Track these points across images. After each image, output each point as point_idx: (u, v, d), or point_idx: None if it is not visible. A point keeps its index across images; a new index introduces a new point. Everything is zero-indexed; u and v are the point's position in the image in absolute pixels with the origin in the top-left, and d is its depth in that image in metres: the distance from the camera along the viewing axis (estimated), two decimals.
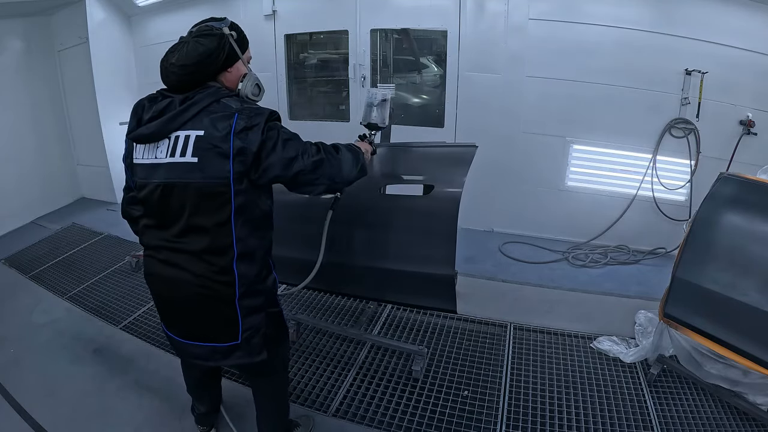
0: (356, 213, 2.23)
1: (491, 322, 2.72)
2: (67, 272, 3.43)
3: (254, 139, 1.29)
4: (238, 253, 1.36)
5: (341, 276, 2.40)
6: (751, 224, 1.90)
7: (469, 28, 3.51)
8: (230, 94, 1.38)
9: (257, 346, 1.50)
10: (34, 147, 4.50)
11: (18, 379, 2.34)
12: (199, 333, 1.47)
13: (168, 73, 1.34)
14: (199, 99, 1.31)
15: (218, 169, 1.29)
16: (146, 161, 1.36)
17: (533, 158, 3.65)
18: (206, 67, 1.35)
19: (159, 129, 1.31)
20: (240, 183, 1.31)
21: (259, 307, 1.48)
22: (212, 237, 1.34)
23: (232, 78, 1.42)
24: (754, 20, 3.00)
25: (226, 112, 1.30)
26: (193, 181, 1.30)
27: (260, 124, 1.30)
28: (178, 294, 1.43)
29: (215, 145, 1.28)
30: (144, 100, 1.38)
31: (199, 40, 1.35)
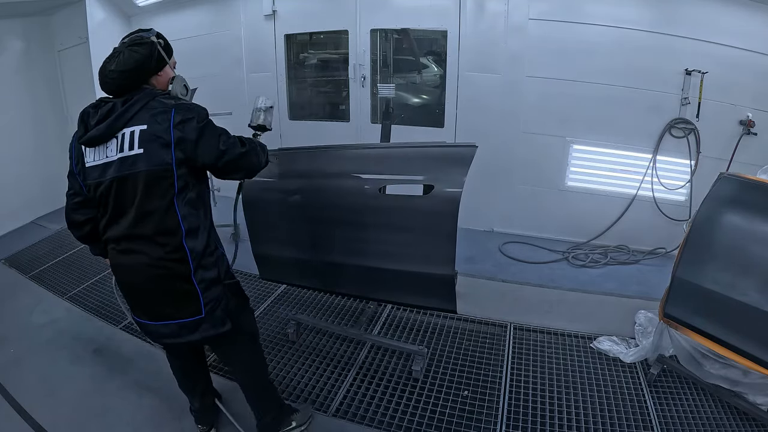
0: (356, 213, 2.23)
1: (491, 322, 2.72)
2: (67, 272, 3.43)
3: (190, 130, 1.48)
4: (185, 230, 1.52)
5: (341, 276, 2.40)
6: (751, 224, 1.90)
7: (469, 28, 3.51)
8: (163, 93, 1.57)
9: (220, 318, 1.64)
10: (34, 147, 4.50)
11: (18, 379, 2.34)
12: (164, 312, 1.59)
13: (107, 79, 1.50)
14: (138, 99, 1.48)
15: (162, 157, 1.45)
16: (98, 162, 1.50)
17: (533, 158, 3.65)
18: (141, 72, 1.53)
19: (107, 130, 1.46)
20: (180, 168, 1.48)
21: (214, 279, 1.61)
22: (161, 219, 1.49)
23: (162, 81, 1.60)
24: (754, 20, 3.00)
25: (163, 108, 1.48)
26: (141, 170, 1.45)
27: (195, 117, 1.49)
28: (140, 278, 1.56)
29: (158, 136, 1.45)
30: (88, 108, 1.53)
31: (133, 48, 1.52)
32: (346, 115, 4.11)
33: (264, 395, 1.92)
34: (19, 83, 4.33)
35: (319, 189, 2.29)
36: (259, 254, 2.51)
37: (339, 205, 2.25)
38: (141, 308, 1.64)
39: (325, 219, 2.31)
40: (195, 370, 1.96)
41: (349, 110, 4.07)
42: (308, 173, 2.33)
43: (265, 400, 1.91)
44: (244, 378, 1.90)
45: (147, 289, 1.57)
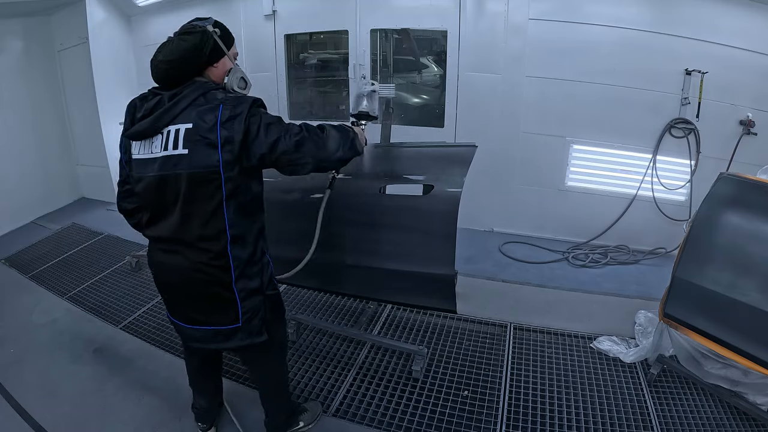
0: (356, 213, 2.23)
1: (491, 322, 2.72)
2: (67, 272, 3.43)
3: (239, 128, 1.35)
4: (231, 237, 1.43)
5: (341, 276, 2.40)
6: (751, 224, 1.90)
7: (469, 28, 3.51)
8: (216, 87, 1.44)
9: (257, 328, 1.57)
10: (34, 147, 4.51)
11: (18, 379, 2.34)
12: (201, 318, 1.55)
13: (157, 70, 1.41)
14: (187, 94, 1.38)
15: (207, 159, 1.35)
16: (143, 156, 1.43)
17: (533, 158, 3.65)
18: (190, 62, 1.41)
19: (151, 125, 1.38)
20: (230, 170, 1.37)
21: (256, 289, 1.54)
22: (206, 223, 1.41)
23: (218, 73, 1.49)
24: (754, 20, 3.00)
25: (211, 104, 1.37)
26: (184, 172, 1.36)
27: (243, 112, 1.36)
28: (179, 281, 1.51)
29: (203, 136, 1.35)
30: (136, 100, 1.46)
31: (183, 37, 1.42)
32: (347, 115, 4.10)
33: (280, 400, 1.90)
34: (19, 83, 4.33)
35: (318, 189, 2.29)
36: None
37: (339, 205, 2.26)
38: (177, 310, 1.61)
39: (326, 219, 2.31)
40: (211, 371, 1.94)
41: (349, 110, 4.06)
42: None
43: (280, 404, 1.90)
44: (265, 386, 1.87)
45: (185, 293, 1.53)
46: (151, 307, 2.93)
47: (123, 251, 3.63)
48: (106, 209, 4.65)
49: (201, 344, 1.61)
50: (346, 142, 1.60)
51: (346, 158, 1.61)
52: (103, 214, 4.55)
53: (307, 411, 2.02)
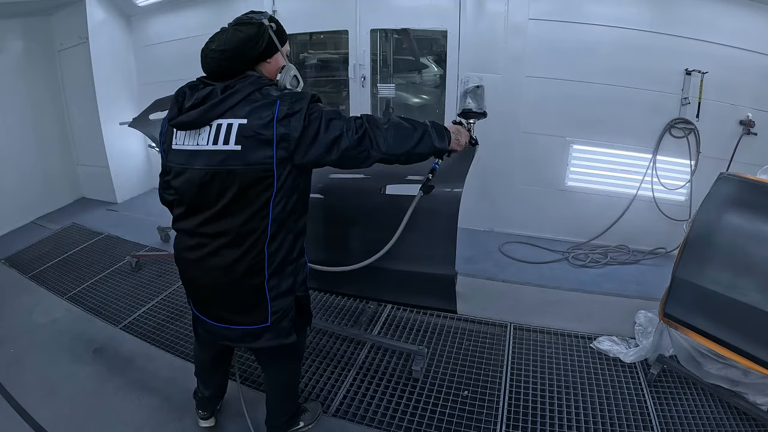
0: (356, 213, 2.23)
1: (491, 322, 2.72)
2: (67, 272, 3.43)
3: (297, 126, 1.31)
4: (270, 235, 1.39)
5: (341, 276, 2.40)
6: (751, 224, 1.90)
7: (469, 28, 3.51)
8: (270, 83, 1.41)
9: (286, 329, 1.54)
10: (34, 147, 4.50)
11: (18, 379, 2.34)
12: (230, 316, 1.51)
13: (208, 59, 1.37)
14: (241, 88, 1.33)
15: (261, 156, 1.31)
16: (187, 147, 1.38)
17: (533, 158, 3.65)
18: (244, 54, 1.37)
19: (200, 117, 1.33)
20: (283, 168, 1.33)
21: (288, 290, 1.51)
22: (247, 220, 1.36)
23: (271, 69, 1.45)
24: (754, 20, 3.00)
25: (267, 99, 1.32)
26: (236, 168, 1.31)
27: (303, 109, 1.32)
28: (208, 277, 1.47)
29: (258, 132, 1.30)
30: (185, 88, 1.40)
31: (239, 27, 1.38)
32: (346, 115, 4.10)
33: (287, 403, 1.89)
34: (19, 83, 4.32)
35: (318, 189, 2.29)
36: None
37: (339, 205, 2.26)
38: (204, 306, 1.56)
39: (325, 219, 2.31)
40: (220, 366, 1.94)
41: (349, 110, 4.06)
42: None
43: (285, 406, 1.89)
44: (276, 388, 1.84)
45: (217, 292, 1.48)
46: (151, 307, 2.93)
47: (123, 251, 3.63)
48: (106, 209, 4.65)
49: (229, 342, 1.59)
50: (419, 136, 1.51)
51: (418, 152, 1.52)
52: (103, 214, 4.55)
53: (307, 411, 2.02)
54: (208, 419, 2.00)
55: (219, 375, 1.97)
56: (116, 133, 4.43)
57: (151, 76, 4.70)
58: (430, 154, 1.59)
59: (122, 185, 4.80)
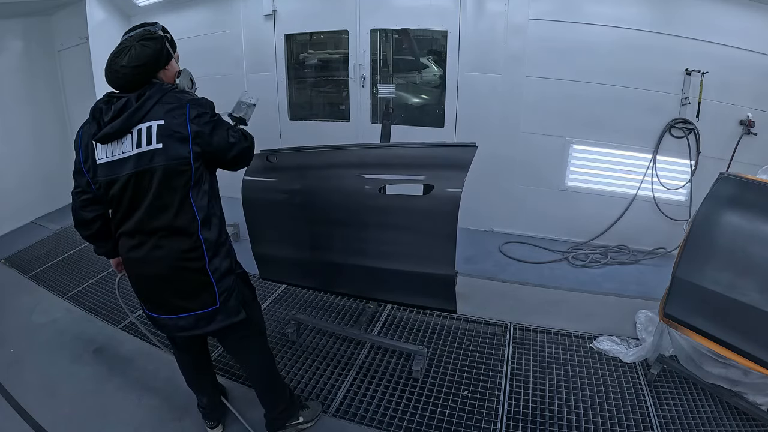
0: (356, 213, 2.23)
1: (491, 322, 2.72)
2: (67, 272, 3.43)
3: (205, 125, 1.51)
4: (201, 221, 1.54)
5: (341, 276, 2.40)
6: (751, 224, 1.90)
7: (469, 28, 3.51)
8: (173, 87, 1.56)
9: (235, 307, 1.66)
10: (34, 147, 4.50)
11: (18, 379, 2.34)
12: (179, 305, 1.60)
13: (119, 75, 1.48)
14: (152, 94, 1.48)
15: (180, 152, 1.47)
16: (112, 158, 1.49)
17: (533, 158, 3.65)
18: (153, 67, 1.52)
19: (121, 126, 1.45)
20: (197, 161, 1.51)
21: (228, 269, 1.64)
22: (177, 211, 1.51)
23: (169, 74, 1.61)
24: (754, 20, 3.00)
25: (178, 103, 1.49)
26: (160, 165, 1.46)
27: (208, 112, 1.53)
28: (154, 270, 1.57)
29: (175, 131, 1.47)
30: (100, 104, 1.52)
31: (145, 43, 1.51)
32: (346, 115, 4.11)
33: (273, 388, 1.93)
34: (19, 83, 4.33)
35: (319, 189, 2.29)
36: (259, 254, 2.51)
37: (339, 205, 2.26)
38: (155, 302, 1.65)
39: (325, 219, 2.31)
40: (203, 365, 1.97)
41: (349, 110, 4.06)
42: (308, 173, 2.33)
43: (274, 392, 1.93)
44: (253, 372, 1.91)
45: (162, 282, 1.58)
46: None
47: None
48: None
49: (186, 332, 1.65)
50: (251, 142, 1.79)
51: None
52: None
53: (308, 408, 2.04)
54: (215, 428, 2.02)
55: (208, 379, 1.99)
56: None
57: None
58: None
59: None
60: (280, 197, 2.38)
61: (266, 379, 1.91)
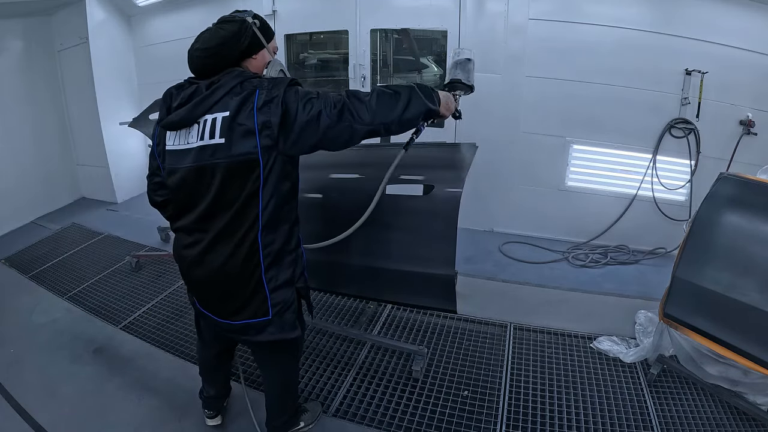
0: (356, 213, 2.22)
1: (491, 322, 2.72)
2: (67, 272, 3.43)
3: (276, 111, 1.30)
4: (263, 225, 1.39)
5: (341, 276, 2.40)
6: (751, 224, 1.90)
7: (469, 28, 3.51)
8: (255, 76, 1.41)
9: (290, 322, 1.54)
10: (34, 147, 4.50)
11: (18, 379, 2.34)
12: (229, 310, 1.50)
13: (193, 58, 1.39)
14: (225, 82, 1.34)
15: (245, 147, 1.31)
16: (178, 147, 1.40)
17: (533, 158, 3.65)
18: (227, 51, 1.39)
19: (187, 115, 1.35)
20: (268, 156, 1.33)
21: (287, 281, 1.50)
22: (239, 212, 1.37)
23: (257, 65, 1.47)
24: (754, 20, 3.00)
25: (248, 89, 1.33)
26: (222, 161, 1.33)
27: (280, 95, 1.31)
28: (207, 272, 1.47)
29: (240, 123, 1.31)
30: (172, 89, 1.43)
31: (221, 25, 1.41)
32: None
33: (286, 401, 1.88)
34: (19, 83, 4.32)
35: (318, 189, 2.29)
36: None
37: (339, 205, 2.25)
38: (206, 302, 1.57)
39: (325, 219, 2.31)
40: (223, 362, 1.94)
41: None
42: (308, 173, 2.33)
43: (285, 404, 1.88)
44: (275, 386, 1.82)
45: (214, 284, 1.49)
46: (151, 307, 2.93)
47: (123, 251, 3.63)
48: (106, 209, 4.65)
49: (232, 335, 1.59)
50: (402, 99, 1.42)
51: (408, 117, 1.44)
52: (103, 214, 4.55)
53: (307, 411, 2.02)
54: (214, 418, 2.01)
55: (222, 374, 1.98)
56: (116, 133, 4.43)
57: (151, 76, 4.70)
58: (421, 117, 1.51)
59: (122, 185, 4.80)
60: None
61: (285, 392, 1.85)
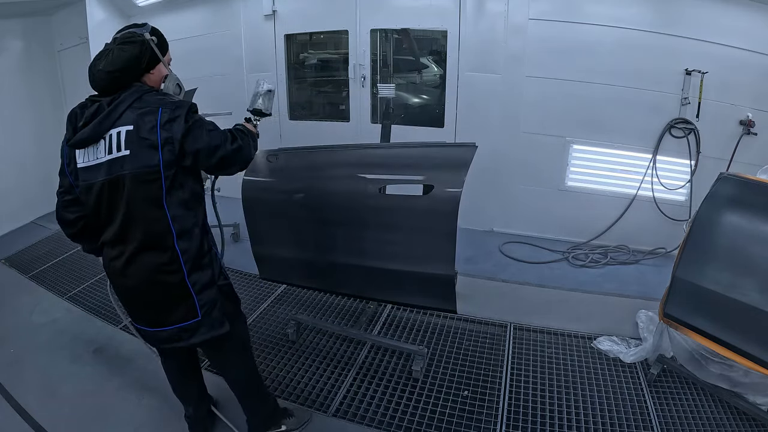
0: (356, 213, 2.23)
1: (491, 322, 2.72)
2: (67, 272, 3.43)
3: (178, 129, 1.41)
4: (176, 232, 1.48)
5: (341, 276, 2.40)
6: (750, 224, 1.90)
7: (469, 28, 3.51)
8: (151, 90, 1.50)
9: (218, 320, 1.61)
10: (34, 147, 4.49)
11: (18, 379, 2.34)
12: (160, 317, 1.57)
13: (97, 78, 1.46)
14: (125, 98, 1.43)
15: (149, 159, 1.41)
16: (89, 163, 1.46)
17: (533, 158, 3.65)
18: (131, 72, 1.47)
19: (92, 132, 1.42)
20: (169, 169, 1.43)
21: (209, 281, 1.58)
22: (151, 221, 1.46)
23: (154, 79, 1.55)
24: (754, 20, 3.00)
25: (150, 107, 1.42)
26: (128, 172, 1.41)
27: (182, 115, 1.43)
28: (132, 282, 1.53)
29: (144, 137, 1.40)
30: (76, 109, 1.50)
31: (123, 47, 1.47)
32: (346, 115, 4.11)
33: (255, 397, 1.89)
34: (19, 83, 4.32)
35: (319, 189, 2.29)
36: (259, 254, 2.51)
37: (339, 205, 2.26)
38: (138, 313, 1.63)
39: (325, 219, 2.31)
40: (191, 373, 1.93)
41: (349, 110, 4.06)
42: (308, 173, 2.33)
43: (256, 401, 1.89)
44: (237, 385, 1.86)
45: (141, 294, 1.55)
46: None
47: None
48: None
49: (170, 344, 1.62)
50: (255, 144, 1.72)
51: None
52: None
53: (293, 416, 1.99)
54: None
55: (194, 389, 1.95)
56: None
57: None
58: None
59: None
60: (280, 197, 2.38)
61: (248, 390, 1.87)
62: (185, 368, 1.91)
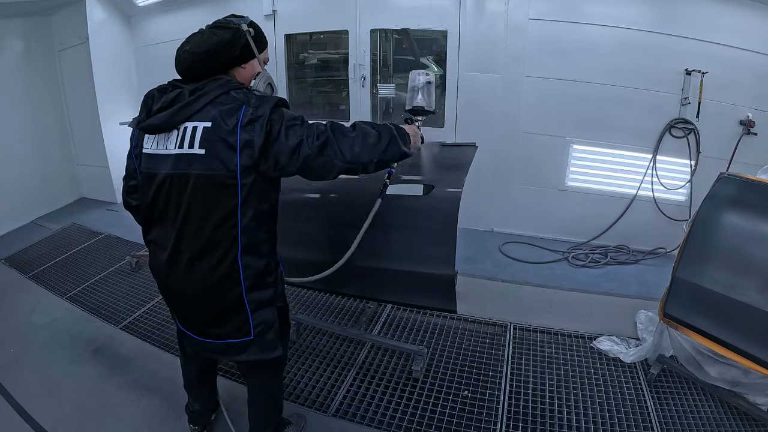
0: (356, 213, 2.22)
1: (491, 322, 2.72)
2: (67, 272, 3.43)
3: (259, 132, 1.27)
4: (242, 246, 1.35)
5: (341, 276, 2.39)
6: (751, 224, 1.90)
7: (469, 28, 3.51)
8: (240, 86, 1.36)
9: (272, 342, 1.50)
10: (34, 147, 4.50)
11: (18, 379, 2.34)
12: (212, 330, 1.47)
13: (181, 60, 1.34)
14: (209, 90, 1.30)
15: (225, 162, 1.27)
16: (155, 152, 1.35)
17: (533, 158, 3.65)
18: (217, 58, 1.34)
19: (167, 120, 1.30)
20: (248, 176, 1.29)
21: (268, 301, 1.47)
22: (215, 229, 1.32)
23: (245, 74, 1.42)
24: (754, 20, 3.00)
25: (234, 104, 1.29)
26: (199, 173, 1.29)
27: (265, 114, 1.28)
28: (185, 291, 1.42)
29: (222, 137, 1.27)
30: (154, 91, 1.37)
31: (214, 30, 1.35)
32: (346, 115, 4.11)
33: (270, 415, 1.84)
34: (19, 83, 4.33)
35: (318, 189, 2.29)
36: None
37: (339, 205, 2.26)
38: (184, 319, 1.52)
39: (325, 219, 2.31)
40: (208, 376, 1.92)
41: (349, 110, 4.06)
42: None
43: (269, 419, 1.85)
44: (259, 399, 1.78)
45: (192, 304, 1.44)
46: (151, 307, 2.93)
47: (123, 251, 3.63)
48: (106, 209, 4.65)
49: (212, 355, 1.55)
50: (384, 140, 1.44)
51: (385, 159, 1.47)
52: (103, 214, 4.55)
53: (291, 424, 1.98)
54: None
55: (206, 388, 1.94)
56: (116, 132, 4.42)
57: (151, 76, 4.68)
58: (397, 160, 1.55)
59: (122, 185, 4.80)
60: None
61: (269, 405, 1.81)
62: (204, 370, 1.88)
